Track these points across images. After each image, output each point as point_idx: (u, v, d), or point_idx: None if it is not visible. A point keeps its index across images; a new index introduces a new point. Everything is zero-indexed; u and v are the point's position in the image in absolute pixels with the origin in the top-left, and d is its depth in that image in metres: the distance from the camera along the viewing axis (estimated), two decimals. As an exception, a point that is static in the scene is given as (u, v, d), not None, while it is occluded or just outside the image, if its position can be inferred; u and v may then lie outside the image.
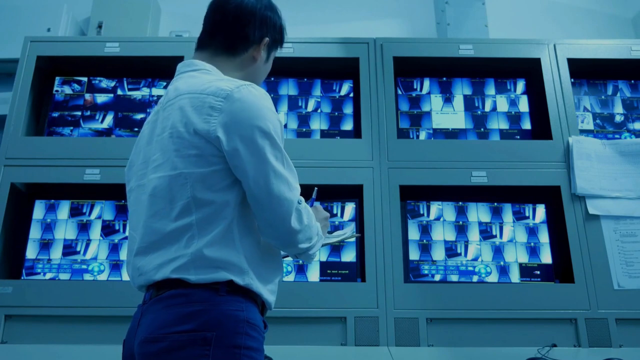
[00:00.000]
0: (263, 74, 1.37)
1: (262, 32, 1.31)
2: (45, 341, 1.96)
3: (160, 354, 1.03)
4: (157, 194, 1.13)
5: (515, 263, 2.14)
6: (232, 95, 1.12)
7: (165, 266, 1.10)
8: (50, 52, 2.37)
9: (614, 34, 3.09)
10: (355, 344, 1.94)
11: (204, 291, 1.07)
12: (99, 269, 2.14)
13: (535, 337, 1.96)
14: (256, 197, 1.11)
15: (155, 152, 1.17)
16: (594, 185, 2.15)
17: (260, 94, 1.17)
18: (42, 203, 2.22)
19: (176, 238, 1.10)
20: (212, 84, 1.16)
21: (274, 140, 1.13)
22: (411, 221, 2.20)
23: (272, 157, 1.12)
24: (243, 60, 1.30)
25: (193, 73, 1.24)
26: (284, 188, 1.12)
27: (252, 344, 1.08)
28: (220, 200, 1.11)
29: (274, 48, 1.37)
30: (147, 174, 1.18)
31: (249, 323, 1.08)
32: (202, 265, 1.08)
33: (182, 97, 1.17)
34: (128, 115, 2.37)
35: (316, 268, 2.13)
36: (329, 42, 2.36)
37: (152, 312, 1.10)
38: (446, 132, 2.35)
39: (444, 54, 2.36)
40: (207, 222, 1.10)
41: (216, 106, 1.12)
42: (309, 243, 1.19)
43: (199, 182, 1.11)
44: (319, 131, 2.34)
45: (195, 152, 1.11)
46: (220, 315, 1.06)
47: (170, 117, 1.17)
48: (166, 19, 3.13)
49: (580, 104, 2.39)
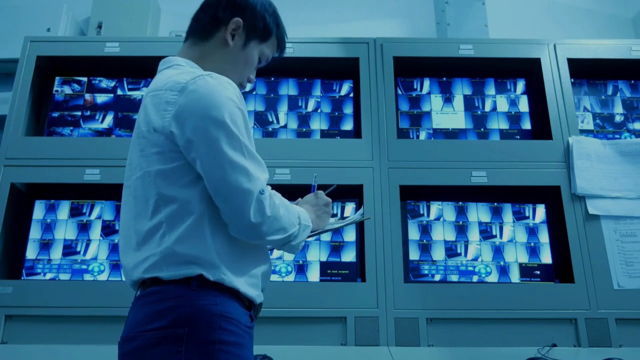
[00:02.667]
0: (242, 65, 1.28)
1: (232, 12, 1.25)
2: (45, 341, 1.96)
3: (136, 353, 1.03)
4: (138, 196, 1.13)
5: (515, 263, 2.14)
6: (186, 87, 1.10)
7: (139, 265, 1.10)
8: (50, 52, 2.37)
9: (614, 34, 3.09)
10: (355, 344, 1.94)
11: (177, 287, 1.06)
12: (99, 269, 2.14)
13: (535, 337, 1.96)
14: (214, 189, 1.08)
15: (133, 153, 1.18)
16: (594, 185, 2.15)
17: (217, 82, 1.12)
18: (42, 203, 2.22)
19: (151, 237, 1.09)
20: (171, 79, 1.14)
21: (229, 129, 1.08)
22: (411, 221, 2.20)
23: (227, 148, 1.07)
24: (215, 43, 1.25)
25: (165, 70, 1.23)
26: (242, 179, 1.07)
27: (229, 338, 1.05)
28: (184, 195, 1.09)
29: (255, 38, 1.28)
30: (130, 176, 1.18)
31: (223, 317, 1.05)
32: (173, 261, 1.07)
33: (147, 97, 1.17)
34: (128, 115, 2.37)
35: (316, 268, 2.13)
36: (329, 42, 2.36)
37: (131, 312, 1.10)
38: (446, 132, 2.35)
39: (444, 54, 2.36)
40: (174, 219, 1.08)
41: (171, 100, 1.10)
42: (282, 234, 1.14)
43: (161, 179, 1.10)
44: (319, 131, 2.34)
45: (156, 150, 1.11)
46: (192, 310, 1.04)
47: (138, 117, 1.18)
48: (166, 19, 3.13)
49: (580, 104, 2.39)
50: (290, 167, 2.16)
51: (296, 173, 2.13)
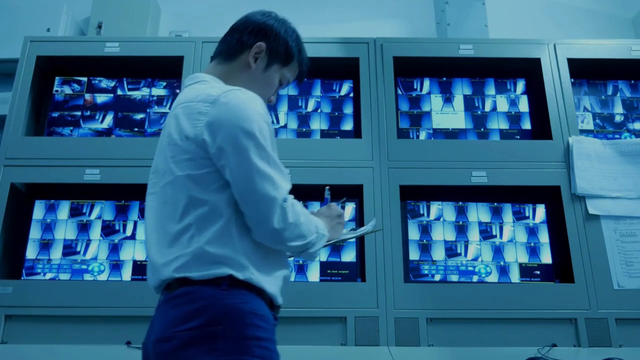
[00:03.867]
0: (262, 86, 1.35)
1: (257, 37, 1.34)
2: (45, 341, 1.96)
3: (172, 353, 1.07)
4: (167, 200, 1.20)
5: (515, 263, 2.14)
6: (218, 100, 1.18)
7: (168, 265, 1.14)
8: (50, 52, 2.38)
9: (614, 34, 3.09)
10: (355, 344, 1.94)
11: (208, 287, 1.11)
12: (99, 269, 2.14)
13: (535, 337, 1.96)
14: (241, 195, 1.15)
15: (161, 161, 1.25)
16: (594, 185, 2.15)
17: (247, 97, 1.20)
18: (42, 203, 2.22)
19: (180, 238, 1.15)
20: (203, 92, 1.22)
21: (257, 140, 1.15)
22: (411, 221, 2.20)
23: (255, 157, 1.14)
24: (239, 65, 1.33)
25: (194, 85, 1.30)
26: (268, 187, 1.14)
27: (261, 334, 1.10)
28: (214, 199, 1.15)
29: (277, 61, 1.36)
30: (157, 183, 1.24)
31: (255, 314, 1.11)
32: (204, 261, 1.12)
33: (178, 107, 1.24)
34: (128, 115, 2.37)
35: (316, 268, 2.13)
36: (329, 42, 2.36)
37: (162, 313, 1.14)
38: (446, 132, 2.35)
39: (444, 54, 2.36)
40: (204, 221, 1.14)
41: (203, 111, 1.18)
42: (302, 240, 1.20)
43: (193, 183, 1.16)
44: (319, 131, 2.34)
45: (188, 157, 1.17)
46: (225, 309, 1.09)
47: (168, 126, 1.25)
48: (166, 19, 3.13)
49: (580, 104, 2.39)
50: (290, 167, 2.11)
51: (296, 173, 2.12)
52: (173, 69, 2.34)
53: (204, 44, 2.34)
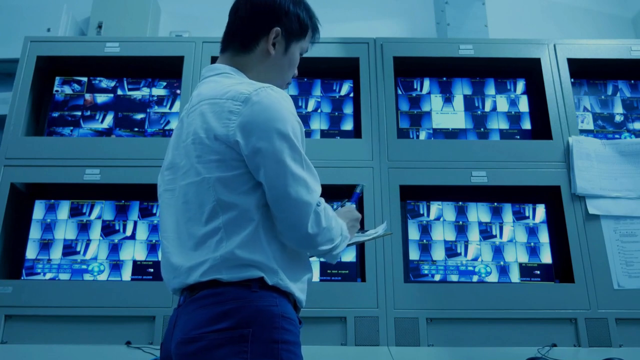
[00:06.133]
0: (286, 68, 1.32)
1: (270, 22, 1.28)
2: (45, 341, 1.96)
3: (198, 354, 1.05)
4: (189, 201, 1.16)
5: (515, 263, 2.14)
6: (250, 99, 1.13)
7: (196, 269, 1.11)
8: (50, 52, 2.38)
9: (614, 34, 3.09)
10: (355, 344, 1.94)
11: (237, 289, 1.09)
12: (99, 269, 2.14)
13: (535, 337, 1.96)
14: (274, 199, 1.12)
15: (182, 158, 1.20)
16: (594, 185, 2.15)
17: (279, 96, 1.16)
18: (42, 203, 2.22)
19: (206, 242, 1.12)
20: (231, 88, 1.16)
21: (292, 142, 1.13)
22: (411, 221, 2.20)
23: (290, 160, 1.11)
24: (258, 55, 1.28)
25: (215, 77, 1.25)
26: (302, 191, 1.12)
27: (289, 337, 1.09)
28: (243, 202, 1.12)
29: (294, 39, 1.31)
30: (176, 180, 1.21)
31: (284, 317, 1.10)
32: (234, 265, 1.09)
33: (204, 103, 1.18)
34: (128, 115, 2.37)
35: (316, 268, 2.12)
36: (329, 42, 2.36)
37: (186, 314, 1.11)
38: (446, 132, 2.35)
39: (444, 54, 2.36)
40: (234, 225, 1.11)
41: (235, 110, 1.13)
42: (330, 244, 1.18)
43: (221, 185, 1.12)
44: (319, 131, 2.34)
45: (216, 158, 1.13)
46: (255, 311, 1.07)
47: (193, 123, 1.19)
48: (166, 19, 3.13)
49: (580, 104, 2.39)
50: (290, 167, 2.15)
51: (296, 173, 2.13)
52: (173, 69, 2.34)
53: (204, 44, 2.34)
